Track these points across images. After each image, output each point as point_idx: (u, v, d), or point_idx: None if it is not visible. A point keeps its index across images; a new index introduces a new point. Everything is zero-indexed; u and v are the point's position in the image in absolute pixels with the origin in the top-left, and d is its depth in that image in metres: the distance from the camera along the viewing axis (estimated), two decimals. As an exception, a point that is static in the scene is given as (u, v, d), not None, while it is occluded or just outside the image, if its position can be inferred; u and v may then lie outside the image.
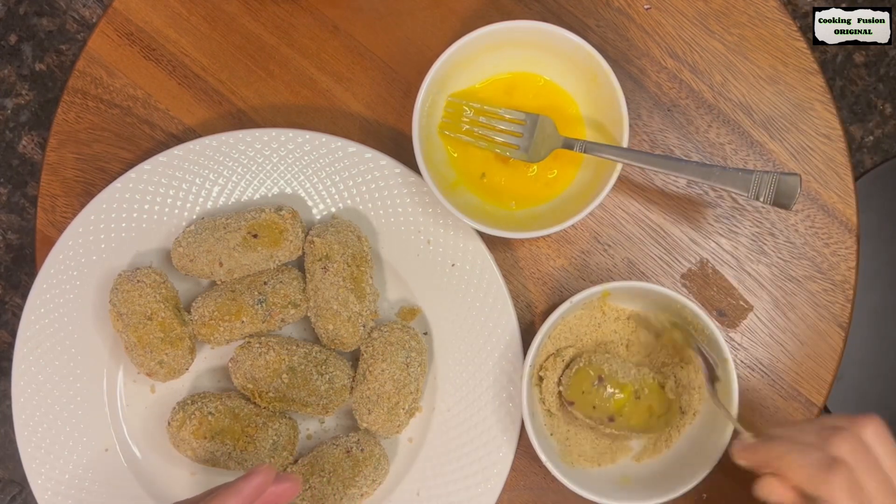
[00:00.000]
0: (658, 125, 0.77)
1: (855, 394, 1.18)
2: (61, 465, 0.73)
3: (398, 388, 0.70)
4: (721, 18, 0.77)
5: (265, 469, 0.57)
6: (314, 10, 0.78)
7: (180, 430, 0.70)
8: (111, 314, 0.71)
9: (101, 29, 0.78)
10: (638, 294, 0.71)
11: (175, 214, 0.74)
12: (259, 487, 0.57)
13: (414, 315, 0.74)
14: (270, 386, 0.70)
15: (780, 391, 0.75)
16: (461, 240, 0.73)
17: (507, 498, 0.75)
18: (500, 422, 0.73)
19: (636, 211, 0.76)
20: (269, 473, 0.57)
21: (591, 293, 0.69)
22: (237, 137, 0.74)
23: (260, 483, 0.57)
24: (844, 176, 0.76)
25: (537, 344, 0.69)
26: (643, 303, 0.73)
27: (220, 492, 0.56)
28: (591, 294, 0.69)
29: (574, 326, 0.73)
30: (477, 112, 0.72)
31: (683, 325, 0.70)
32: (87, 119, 0.78)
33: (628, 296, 0.72)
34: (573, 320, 0.73)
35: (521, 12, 0.77)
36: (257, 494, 0.57)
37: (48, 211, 0.78)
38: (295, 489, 0.60)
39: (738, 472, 0.75)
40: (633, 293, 0.71)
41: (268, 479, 0.57)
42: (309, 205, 0.75)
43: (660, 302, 0.71)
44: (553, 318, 0.68)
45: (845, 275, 0.76)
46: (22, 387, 0.73)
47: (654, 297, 0.71)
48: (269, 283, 0.71)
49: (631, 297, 0.72)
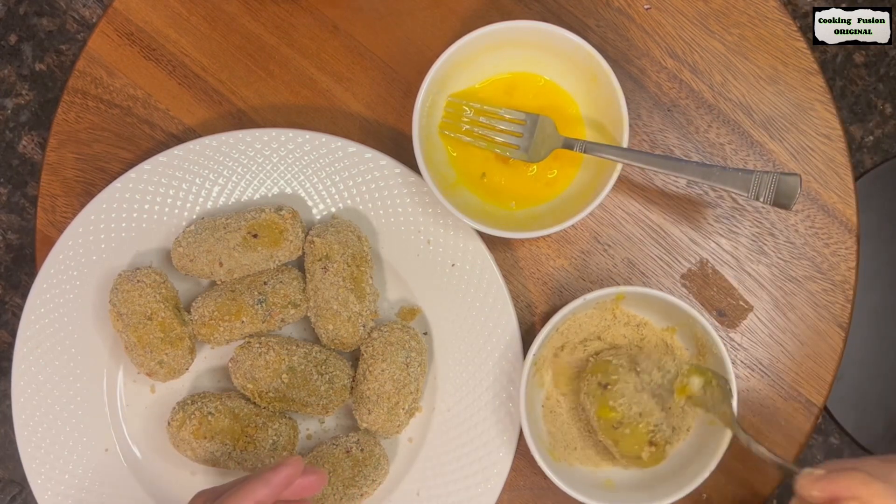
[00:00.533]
0: (658, 125, 0.77)
1: (855, 394, 1.18)
2: (61, 465, 0.73)
3: (398, 388, 0.70)
4: (721, 18, 0.77)
5: (294, 461, 0.58)
6: (314, 10, 0.78)
7: (180, 430, 0.70)
8: (111, 314, 0.71)
9: (101, 29, 0.78)
10: (652, 303, 0.71)
11: (175, 214, 0.74)
12: (288, 478, 0.58)
13: (414, 315, 0.74)
14: (270, 386, 0.70)
15: (780, 391, 0.75)
16: (461, 240, 0.73)
17: (507, 498, 0.75)
18: (500, 422, 0.73)
19: (636, 211, 0.76)
20: (297, 465, 0.58)
21: (607, 293, 0.69)
22: (237, 137, 0.74)
23: (289, 474, 0.58)
24: (844, 176, 0.76)
25: (545, 333, 0.69)
26: (656, 313, 0.73)
27: (248, 482, 0.57)
28: (606, 294, 0.69)
29: (584, 324, 0.73)
30: (477, 112, 0.72)
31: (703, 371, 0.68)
32: (87, 119, 0.78)
33: (642, 303, 0.72)
34: (584, 318, 0.73)
35: (521, 12, 0.77)
36: (286, 485, 0.58)
37: (48, 211, 0.78)
38: (321, 481, 0.60)
39: (739, 473, 0.75)
40: (648, 301, 0.71)
41: (297, 470, 0.58)
42: (309, 205, 0.75)
43: (672, 313, 0.71)
44: (565, 311, 0.68)
45: (845, 275, 0.76)
46: (22, 387, 0.73)
47: (668, 309, 0.70)
48: (269, 283, 0.71)
49: (644, 304, 0.72)
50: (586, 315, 0.73)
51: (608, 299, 0.71)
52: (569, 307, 0.69)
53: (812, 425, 0.75)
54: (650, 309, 0.73)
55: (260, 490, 0.56)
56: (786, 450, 0.75)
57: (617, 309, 0.73)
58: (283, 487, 0.58)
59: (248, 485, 0.56)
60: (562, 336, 0.73)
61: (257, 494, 0.56)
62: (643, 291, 0.69)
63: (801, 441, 0.75)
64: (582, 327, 0.73)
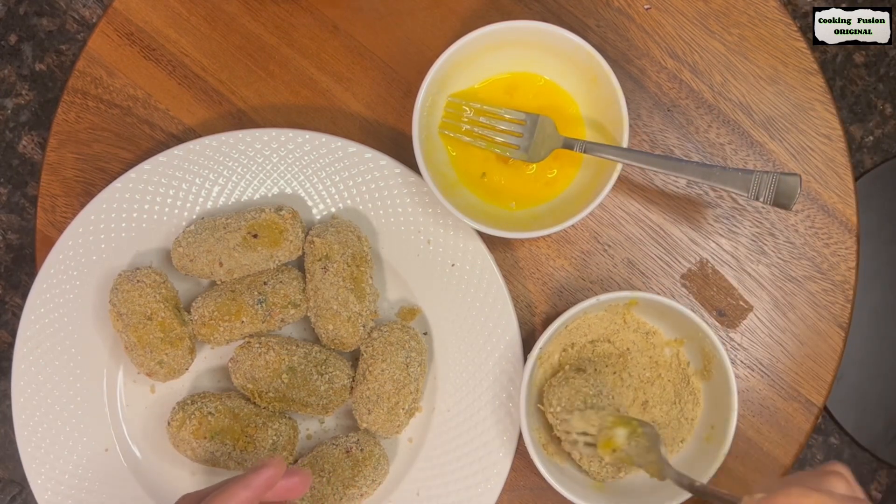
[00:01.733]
0: (658, 125, 0.77)
1: (855, 394, 1.18)
2: (61, 465, 0.73)
3: (398, 388, 0.70)
4: (721, 18, 0.77)
5: (275, 462, 0.57)
6: (314, 10, 0.78)
7: (180, 430, 0.70)
8: (111, 314, 0.71)
9: (101, 29, 0.78)
10: (663, 312, 0.71)
11: (175, 214, 0.74)
12: (269, 480, 0.56)
13: (414, 315, 0.74)
14: (270, 386, 0.70)
15: (780, 391, 0.75)
16: (461, 240, 0.73)
17: (507, 498, 0.75)
18: (500, 422, 0.73)
19: (636, 211, 0.76)
20: (279, 467, 0.57)
21: (620, 297, 0.69)
22: (237, 137, 0.74)
23: (270, 476, 0.56)
24: (844, 176, 0.76)
25: (554, 329, 0.68)
26: (667, 322, 0.72)
27: (229, 484, 0.56)
28: (619, 298, 0.69)
29: (593, 325, 0.73)
30: (477, 112, 0.72)
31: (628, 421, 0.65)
32: (87, 119, 0.78)
33: (654, 311, 0.72)
34: (594, 319, 0.73)
35: (521, 12, 0.77)
36: (267, 488, 0.56)
37: (48, 211, 0.78)
38: (305, 483, 0.59)
39: (739, 473, 0.75)
40: (659, 310, 0.71)
41: (278, 472, 0.57)
42: (309, 205, 0.75)
43: (682, 325, 0.71)
44: (576, 309, 0.68)
45: (845, 275, 0.76)
46: (22, 387, 0.73)
47: (679, 320, 0.70)
48: (269, 283, 0.71)
49: (655, 313, 0.72)
50: (596, 316, 0.73)
51: (620, 303, 0.71)
52: (580, 306, 0.68)
53: (812, 425, 0.75)
54: (661, 318, 0.72)
55: (241, 493, 0.55)
56: (786, 450, 0.75)
57: (628, 314, 0.73)
58: (265, 490, 0.56)
59: (230, 488, 0.55)
60: (570, 334, 0.73)
61: (239, 497, 0.55)
62: (657, 299, 0.69)
63: (801, 441, 0.75)
64: (591, 328, 0.73)
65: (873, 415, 1.19)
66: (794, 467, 0.76)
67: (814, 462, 1.43)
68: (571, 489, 0.68)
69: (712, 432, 0.70)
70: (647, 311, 0.72)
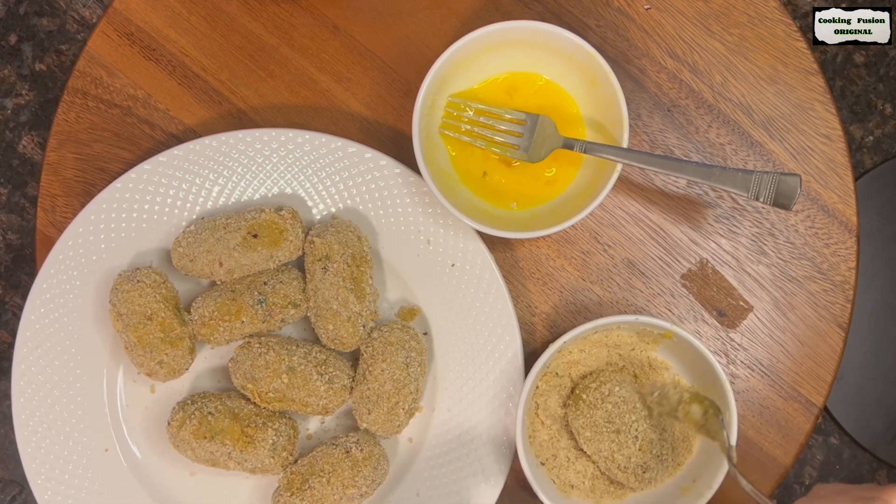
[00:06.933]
0: (658, 125, 0.77)
1: (855, 394, 1.18)
2: (61, 465, 0.73)
3: (398, 388, 0.70)
4: (721, 18, 0.77)
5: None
6: (314, 10, 0.78)
7: (180, 431, 0.70)
8: (111, 314, 0.71)
9: (101, 29, 0.78)
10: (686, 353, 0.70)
11: (175, 214, 0.74)
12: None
13: (414, 315, 0.74)
14: (270, 386, 0.70)
15: (780, 391, 0.75)
16: (461, 240, 0.73)
17: (507, 498, 0.75)
18: (499, 422, 0.73)
19: (636, 211, 0.76)
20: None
21: (659, 325, 0.68)
22: (237, 137, 0.74)
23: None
24: (844, 176, 0.76)
25: (581, 331, 0.68)
26: (687, 364, 0.72)
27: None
28: (657, 325, 0.68)
29: (606, 340, 0.72)
30: (477, 112, 0.72)
31: (702, 399, 0.68)
32: (87, 119, 0.78)
33: (677, 351, 0.71)
34: (617, 338, 0.72)
35: (521, 12, 0.77)
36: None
37: (48, 211, 0.78)
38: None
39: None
40: (684, 351, 0.70)
41: None
42: (309, 205, 0.75)
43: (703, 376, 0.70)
44: (609, 320, 0.68)
45: (845, 275, 0.76)
46: (22, 387, 0.73)
47: (703, 370, 0.69)
48: (269, 283, 0.71)
49: (678, 352, 0.72)
50: (619, 336, 0.72)
51: (654, 330, 0.70)
52: (616, 318, 0.68)
53: (812, 425, 0.75)
54: (682, 358, 0.72)
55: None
56: (786, 450, 0.75)
57: (652, 353, 0.72)
58: None
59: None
60: (581, 345, 0.72)
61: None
62: (691, 341, 0.67)
63: (801, 441, 0.75)
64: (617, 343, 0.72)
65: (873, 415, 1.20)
66: (794, 467, 0.76)
67: (814, 461, 1.43)
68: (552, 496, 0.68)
69: (692, 486, 0.70)
70: (670, 350, 0.72)
